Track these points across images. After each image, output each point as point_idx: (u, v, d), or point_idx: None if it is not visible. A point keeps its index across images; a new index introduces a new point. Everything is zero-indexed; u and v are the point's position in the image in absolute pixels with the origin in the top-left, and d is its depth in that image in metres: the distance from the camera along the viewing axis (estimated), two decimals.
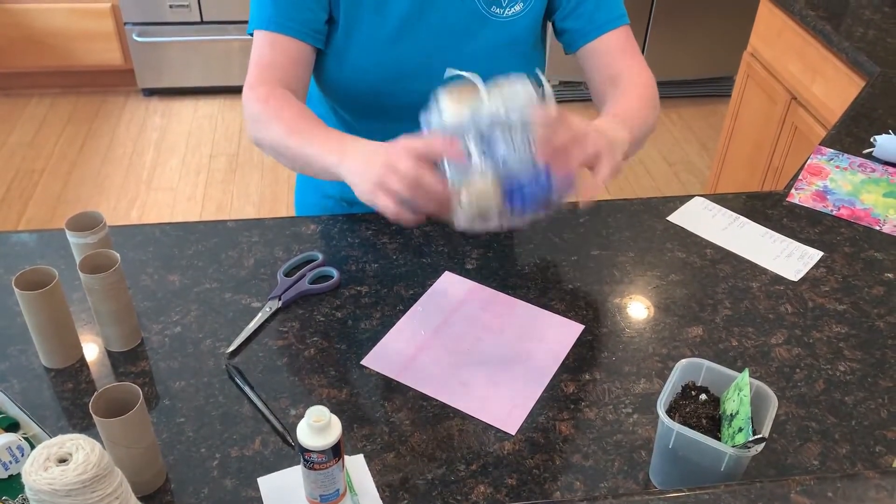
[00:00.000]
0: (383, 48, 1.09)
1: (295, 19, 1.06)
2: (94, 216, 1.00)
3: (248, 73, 1.10)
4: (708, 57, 3.51)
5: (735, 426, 0.78)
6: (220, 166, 3.12)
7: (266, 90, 1.06)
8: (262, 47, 1.09)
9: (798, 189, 1.31)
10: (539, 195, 0.88)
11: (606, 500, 0.69)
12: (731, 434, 0.79)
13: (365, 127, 1.17)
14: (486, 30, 1.10)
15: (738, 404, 0.79)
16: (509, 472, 0.84)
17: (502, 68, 1.10)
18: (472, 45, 1.10)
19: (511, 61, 1.11)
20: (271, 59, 1.08)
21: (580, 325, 1.03)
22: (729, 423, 0.80)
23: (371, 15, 1.08)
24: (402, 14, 1.08)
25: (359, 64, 1.10)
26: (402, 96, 1.11)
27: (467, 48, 1.10)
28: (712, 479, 0.78)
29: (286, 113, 1.03)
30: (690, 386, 0.86)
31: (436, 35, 1.09)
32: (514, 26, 1.11)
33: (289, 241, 1.16)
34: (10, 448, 0.80)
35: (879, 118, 1.54)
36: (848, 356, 1.00)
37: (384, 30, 1.08)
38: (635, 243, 1.18)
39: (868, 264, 1.16)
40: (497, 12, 1.09)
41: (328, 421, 0.75)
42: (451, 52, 1.10)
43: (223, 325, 1.02)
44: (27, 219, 2.78)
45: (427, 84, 1.10)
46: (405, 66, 1.10)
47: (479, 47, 1.10)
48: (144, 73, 3.44)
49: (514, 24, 1.10)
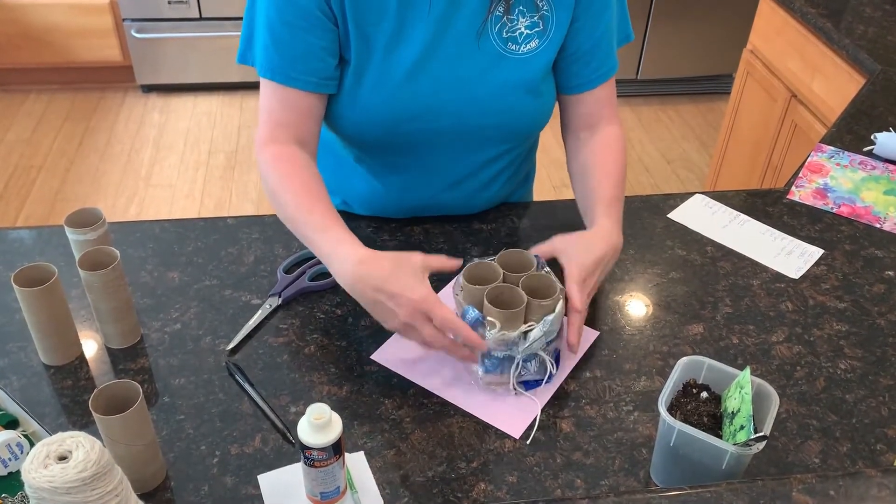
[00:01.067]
0: (395, 88, 1.04)
1: (304, 70, 1.02)
2: (94, 213, 1.00)
3: (260, 124, 1.06)
4: (707, 54, 3.50)
5: (736, 424, 0.78)
6: (218, 163, 3.11)
7: (275, 150, 1.03)
8: (271, 100, 1.05)
9: (798, 186, 1.31)
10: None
11: (608, 498, 0.69)
12: (732, 432, 0.78)
13: (373, 161, 1.16)
14: (501, 67, 1.06)
15: (740, 402, 0.79)
16: (510, 470, 0.84)
17: (514, 104, 1.09)
18: (487, 83, 1.06)
19: (523, 98, 1.08)
20: (281, 116, 1.04)
21: (595, 331, 1.02)
22: (730, 420, 0.80)
23: (382, 55, 1.03)
24: (414, 54, 1.03)
25: (370, 104, 1.05)
26: (413, 134, 1.08)
27: (481, 86, 1.06)
28: (713, 478, 0.78)
29: (294, 183, 1.00)
30: (691, 384, 0.86)
31: (449, 73, 1.05)
32: (529, 63, 1.07)
33: (289, 237, 1.16)
34: (10, 445, 0.80)
35: (880, 116, 1.54)
36: (848, 354, 1.00)
37: (396, 70, 1.03)
38: (635, 241, 1.18)
39: (868, 262, 1.15)
40: (513, 49, 1.05)
41: (328, 418, 0.75)
42: (464, 91, 1.06)
43: (223, 322, 1.01)
44: (25, 215, 2.77)
45: (438, 122, 1.08)
46: (417, 106, 1.06)
47: (493, 84, 1.06)
48: (143, 69, 3.44)
49: (529, 62, 1.06)
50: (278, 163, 1.03)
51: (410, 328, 0.89)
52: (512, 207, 1.25)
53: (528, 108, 1.10)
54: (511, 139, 1.15)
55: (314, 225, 0.97)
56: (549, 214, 1.23)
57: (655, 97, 3.66)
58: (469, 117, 1.08)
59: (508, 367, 0.91)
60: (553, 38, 1.07)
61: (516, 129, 1.13)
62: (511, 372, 0.91)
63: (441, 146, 1.11)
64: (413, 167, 1.14)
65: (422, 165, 1.13)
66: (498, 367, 0.91)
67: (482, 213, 1.22)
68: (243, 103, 3.51)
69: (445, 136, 1.09)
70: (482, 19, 1.02)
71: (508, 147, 1.16)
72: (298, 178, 1.01)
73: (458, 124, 1.08)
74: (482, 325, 0.88)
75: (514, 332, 0.88)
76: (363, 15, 1.01)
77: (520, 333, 0.88)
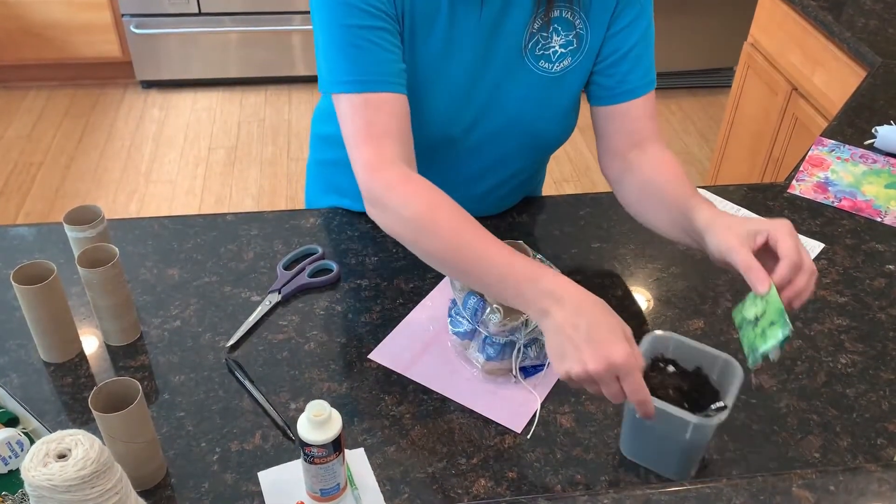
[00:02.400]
0: (441, 110, 1.02)
1: (391, 72, 0.93)
2: (93, 210, 1.00)
3: (358, 147, 0.92)
4: (708, 48, 3.49)
5: (761, 327, 0.78)
6: (218, 159, 3.11)
7: (401, 174, 0.91)
8: (364, 115, 0.92)
9: (799, 180, 1.31)
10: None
11: (607, 493, 0.69)
12: (755, 335, 0.79)
13: None
14: (535, 87, 1.03)
15: (765, 305, 0.78)
16: (510, 466, 0.84)
17: (546, 124, 1.07)
18: (523, 104, 1.04)
19: (554, 118, 1.06)
20: (382, 127, 0.92)
21: None
22: (753, 326, 0.80)
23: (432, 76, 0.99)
24: (459, 78, 1.00)
25: (414, 122, 0.98)
26: (442, 152, 1.07)
27: (518, 107, 1.04)
28: (677, 448, 0.80)
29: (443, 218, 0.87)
30: (659, 358, 0.86)
31: (489, 95, 1.03)
32: (562, 82, 1.05)
33: (288, 234, 1.16)
34: (10, 443, 0.80)
35: (881, 109, 1.53)
36: (849, 348, 1.00)
37: (443, 91, 1.01)
38: (636, 235, 1.18)
39: (869, 256, 1.15)
40: (545, 67, 1.02)
41: (328, 415, 0.75)
42: (499, 108, 1.04)
43: (223, 318, 1.01)
44: (25, 212, 2.77)
45: (470, 143, 1.06)
46: (458, 125, 1.04)
47: (527, 105, 1.05)
48: (143, 65, 3.43)
49: (562, 81, 1.04)
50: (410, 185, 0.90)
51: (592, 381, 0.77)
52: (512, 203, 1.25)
53: (558, 127, 1.09)
54: (535, 155, 1.15)
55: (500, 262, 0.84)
56: (551, 209, 1.23)
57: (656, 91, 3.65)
58: (496, 129, 1.06)
59: (510, 353, 0.91)
60: (587, 55, 1.04)
61: (542, 147, 1.13)
62: (513, 357, 0.91)
63: (467, 163, 1.10)
64: (432, 179, 1.04)
65: (442, 179, 1.05)
66: (499, 354, 0.91)
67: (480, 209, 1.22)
68: (243, 99, 3.50)
69: (472, 144, 1.08)
70: (523, 37, 0.99)
71: (531, 162, 1.16)
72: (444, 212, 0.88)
73: (490, 141, 1.08)
74: (484, 311, 0.88)
75: (517, 320, 0.88)
76: (415, 25, 0.95)
77: (522, 320, 0.89)
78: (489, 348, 0.91)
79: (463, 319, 0.93)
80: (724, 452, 0.86)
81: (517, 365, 0.92)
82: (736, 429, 0.88)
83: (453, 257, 0.86)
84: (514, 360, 0.92)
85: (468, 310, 0.89)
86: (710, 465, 0.84)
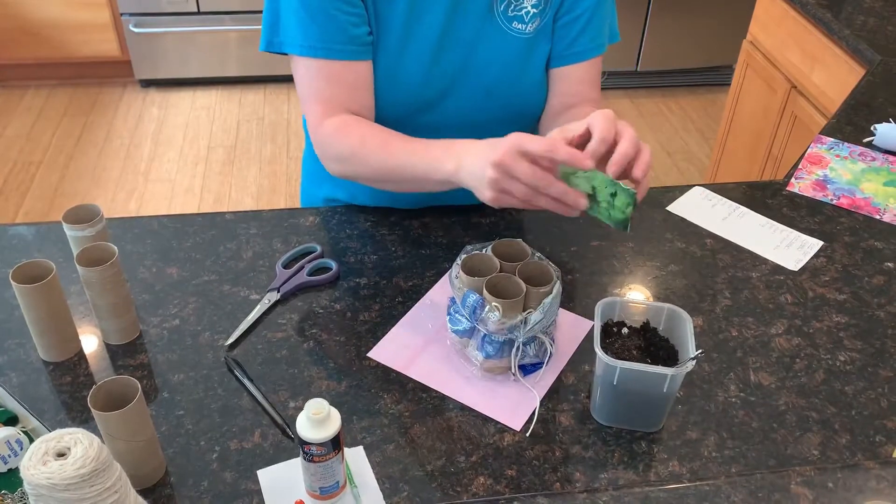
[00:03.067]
0: (412, 74, 1.04)
1: (344, 40, 0.99)
2: (92, 209, 1.00)
3: (308, 110, 1.02)
4: (707, 46, 3.49)
5: (603, 196, 0.85)
6: (218, 158, 3.11)
7: (334, 122, 1.00)
8: (315, 80, 1.00)
9: (798, 178, 1.31)
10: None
11: (607, 491, 0.69)
12: (607, 206, 0.85)
13: None
14: (511, 48, 1.05)
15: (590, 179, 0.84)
16: (509, 464, 0.84)
17: (523, 86, 1.08)
18: (498, 65, 1.06)
19: (531, 78, 1.07)
20: (330, 93, 1.01)
21: (588, 321, 1.02)
22: (597, 203, 0.86)
23: (398, 41, 1.02)
24: (431, 39, 1.03)
25: (385, 90, 1.04)
26: (423, 118, 1.08)
27: (493, 69, 1.06)
28: (656, 404, 0.86)
29: (371, 136, 0.98)
30: (610, 323, 0.92)
31: (462, 57, 1.05)
32: (536, 42, 1.06)
33: (287, 232, 1.16)
34: (9, 442, 0.80)
35: (880, 107, 1.53)
36: (848, 346, 1.00)
37: (413, 55, 1.03)
38: (635, 233, 1.18)
39: (868, 254, 1.15)
40: (519, 28, 1.04)
41: (327, 413, 0.75)
42: (476, 73, 1.05)
43: (222, 317, 1.01)
44: (25, 211, 2.77)
45: (450, 106, 1.07)
46: (432, 90, 1.06)
47: (503, 66, 1.06)
48: (141, 64, 3.43)
49: (536, 41, 1.06)
50: (344, 131, 0.99)
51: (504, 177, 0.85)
52: None
53: (536, 95, 1.09)
54: (518, 121, 1.14)
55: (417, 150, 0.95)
56: None
57: (655, 89, 3.65)
58: (477, 98, 1.07)
59: (508, 351, 0.91)
60: (551, 15, 1.06)
61: (523, 110, 1.12)
62: (512, 355, 0.91)
63: (450, 130, 1.10)
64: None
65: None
66: (498, 352, 0.91)
67: (480, 206, 1.22)
68: (242, 98, 3.50)
69: (453, 116, 1.09)
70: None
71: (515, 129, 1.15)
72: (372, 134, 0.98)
73: (467, 104, 1.08)
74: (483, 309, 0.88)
75: (516, 318, 0.88)
76: None
77: (521, 318, 0.89)
78: (488, 346, 0.92)
79: (462, 317, 0.93)
80: (722, 450, 0.86)
81: (516, 363, 0.92)
82: (735, 426, 0.88)
83: (390, 176, 0.98)
84: (513, 358, 0.92)
85: (467, 308, 0.90)
86: (709, 464, 0.84)
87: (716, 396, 0.92)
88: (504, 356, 0.92)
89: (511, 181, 0.86)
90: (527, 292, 0.89)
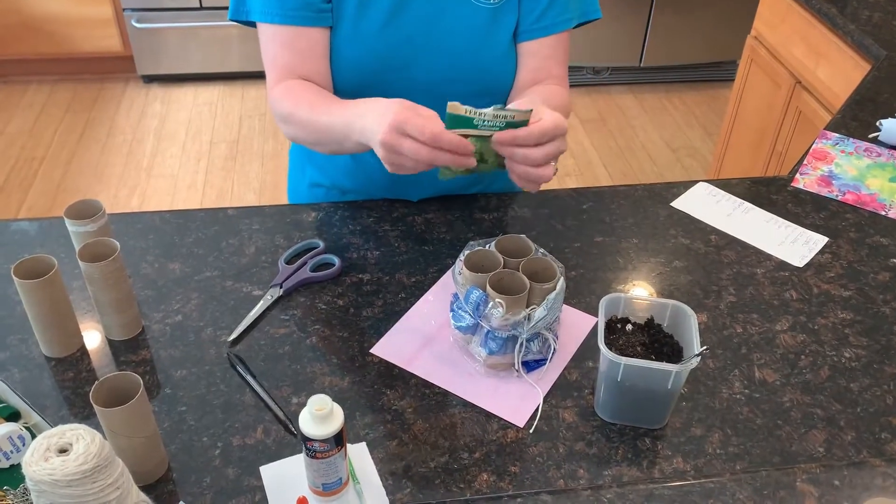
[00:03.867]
0: (370, 40, 1.06)
1: (298, 6, 1.03)
2: (94, 204, 1.00)
3: (267, 75, 1.08)
4: (711, 41, 3.48)
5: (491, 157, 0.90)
6: (220, 153, 3.10)
7: (283, 86, 1.05)
8: (273, 48, 1.06)
9: (803, 174, 1.30)
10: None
11: (611, 488, 0.68)
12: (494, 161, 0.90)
13: None
14: (475, 18, 1.07)
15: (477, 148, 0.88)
16: (512, 461, 0.84)
17: (487, 56, 1.09)
18: (459, 34, 1.07)
19: (496, 49, 1.08)
20: (285, 60, 1.06)
21: (592, 317, 1.02)
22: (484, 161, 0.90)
23: (356, 7, 1.05)
24: (387, 5, 1.05)
25: (345, 56, 1.07)
26: (390, 85, 1.08)
27: (454, 37, 1.07)
28: (660, 400, 0.85)
29: (304, 98, 1.02)
30: (614, 320, 0.92)
31: (424, 24, 1.06)
32: (501, 13, 1.07)
33: (290, 228, 1.16)
34: (12, 437, 0.80)
35: (885, 102, 1.52)
36: (853, 342, 0.99)
37: (370, 21, 1.06)
38: (639, 229, 1.17)
39: (874, 250, 1.15)
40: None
41: (330, 409, 0.75)
42: (439, 42, 1.07)
43: (224, 313, 1.01)
44: (27, 207, 2.77)
45: (413, 72, 1.08)
46: (393, 58, 1.08)
47: (467, 37, 1.07)
48: (144, 59, 3.43)
49: (501, 11, 1.07)
50: (288, 93, 1.03)
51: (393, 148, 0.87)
52: (513, 196, 1.24)
53: (501, 60, 1.10)
54: (487, 93, 1.13)
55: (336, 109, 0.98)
56: (552, 203, 1.23)
57: (659, 85, 3.64)
58: (442, 69, 1.08)
59: (512, 347, 0.91)
60: None
61: (490, 82, 1.13)
62: (515, 351, 0.91)
63: (416, 99, 1.10)
64: None
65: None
66: (502, 348, 0.91)
67: (484, 203, 1.21)
68: (244, 93, 3.50)
69: (421, 87, 1.09)
70: None
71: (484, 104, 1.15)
72: (309, 93, 1.02)
73: (433, 75, 1.09)
74: (486, 305, 0.88)
75: (520, 315, 0.88)
76: None
77: (525, 314, 0.88)
78: (491, 342, 0.91)
79: (465, 314, 0.93)
80: (727, 447, 0.85)
81: (519, 359, 0.92)
82: (739, 423, 0.88)
83: (319, 137, 1.02)
84: (517, 355, 0.91)
85: (470, 304, 0.89)
86: (713, 460, 0.84)
87: (720, 393, 0.92)
88: (507, 352, 0.92)
89: (400, 157, 0.88)
90: (530, 288, 0.89)
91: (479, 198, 1.23)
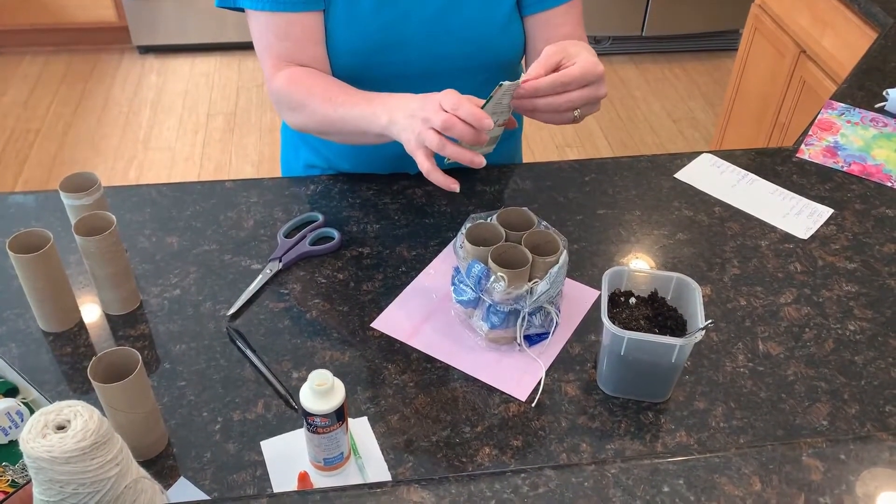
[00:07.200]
0: (365, 20, 1.04)
1: None
2: (89, 177, 0.98)
3: (262, 64, 1.06)
4: (714, 10, 3.43)
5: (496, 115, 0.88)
6: (217, 125, 3.07)
7: (285, 74, 1.03)
8: (266, 36, 1.04)
9: (808, 145, 1.29)
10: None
11: (614, 462, 0.68)
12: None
13: None
14: None
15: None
16: (514, 434, 0.83)
17: (482, 34, 1.07)
18: (457, 8, 1.05)
19: (491, 27, 1.06)
20: (280, 48, 1.04)
21: (595, 290, 1.01)
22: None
23: None
24: None
25: (340, 39, 1.05)
26: (386, 67, 1.07)
27: (449, 15, 1.05)
28: (663, 373, 0.84)
29: (317, 87, 1.00)
30: (618, 293, 0.91)
31: (419, 4, 1.04)
32: None
33: (288, 201, 1.14)
34: (10, 413, 0.79)
35: (892, 71, 1.50)
36: (858, 315, 0.98)
37: (364, 1, 1.03)
38: (642, 202, 1.16)
39: (879, 221, 1.13)
40: None
41: (331, 384, 0.74)
42: (435, 17, 1.04)
43: (223, 287, 1.00)
44: (24, 180, 2.75)
45: (409, 53, 1.06)
46: (389, 37, 1.05)
47: (464, 10, 1.05)
48: (139, 30, 3.38)
49: None
50: (292, 81, 1.01)
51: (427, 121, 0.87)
52: (514, 169, 1.23)
53: (497, 37, 1.08)
54: (483, 71, 1.11)
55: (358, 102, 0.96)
56: (554, 176, 1.21)
57: (661, 54, 3.60)
58: (437, 47, 1.07)
59: (514, 321, 0.90)
60: None
61: (490, 56, 1.11)
62: (518, 325, 0.90)
63: (414, 78, 1.08)
64: None
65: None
66: (504, 322, 0.90)
67: (485, 175, 1.20)
68: (241, 64, 3.46)
69: (417, 67, 1.08)
70: None
71: (483, 80, 1.13)
72: (318, 83, 1.00)
73: (429, 55, 1.07)
74: (488, 279, 0.87)
75: (522, 288, 0.87)
76: None
77: (527, 288, 0.87)
78: (493, 316, 0.90)
79: (467, 287, 0.92)
80: (730, 420, 0.85)
81: (521, 333, 0.91)
82: (743, 396, 0.87)
83: (333, 128, 1.00)
84: (519, 329, 0.90)
85: (472, 278, 0.88)
86: (717, 434, 0.83)
87: (724, 366, 0.91)
88: (509, 326, 0.91)
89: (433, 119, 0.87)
90: (533, 262, 0.88)
91: (479, 170, 1.21)
